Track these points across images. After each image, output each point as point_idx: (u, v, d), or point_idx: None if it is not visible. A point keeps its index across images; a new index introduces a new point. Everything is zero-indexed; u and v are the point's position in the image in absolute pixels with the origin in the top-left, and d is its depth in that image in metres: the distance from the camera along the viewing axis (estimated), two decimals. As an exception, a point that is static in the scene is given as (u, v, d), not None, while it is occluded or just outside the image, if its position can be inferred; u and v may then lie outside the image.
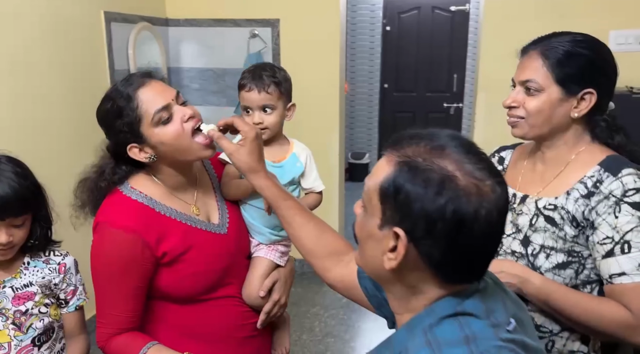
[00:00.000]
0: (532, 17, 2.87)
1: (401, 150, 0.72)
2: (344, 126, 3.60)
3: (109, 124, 1.16)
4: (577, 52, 1.09)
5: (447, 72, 5.61)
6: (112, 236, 1.15)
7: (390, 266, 0.72)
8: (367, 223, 0.75)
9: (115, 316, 1.17)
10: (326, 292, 3.32)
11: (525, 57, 1.14)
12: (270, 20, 3.27)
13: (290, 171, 1.38)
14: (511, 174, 1.26)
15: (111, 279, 1.16)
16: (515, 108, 1.14)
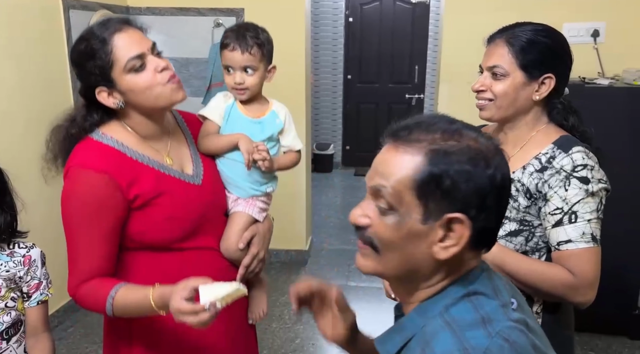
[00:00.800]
0: (491, 9, 2.96)
1: (419, 143, 0.71)
2: (310, 116, 3.62)
3: (81, 65, 1.15)
4: (538, 40, 1.19)
5: (409, 64, 5.71)
6: (84, 177, 1.13)
7: (449, 254, 0.71)
8: (401, 223, 0.72)
9: (88, 262, 1.15)
10: (295, 280, 3.32)
11: (491, 45, 1.23)
12: (234, 9, 3.24)
13: (269, 127, 1.39)
14: None
15: (83, 222, 1.14)
16: (483, 92, 1.23)
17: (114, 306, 1.12)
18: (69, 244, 1.15)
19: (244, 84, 1.34)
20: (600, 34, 2.89)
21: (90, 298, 1.15)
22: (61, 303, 2.82)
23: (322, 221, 4.43)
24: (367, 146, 6.03)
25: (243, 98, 1.37)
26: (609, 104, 2.53)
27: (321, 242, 3.99)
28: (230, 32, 1.35)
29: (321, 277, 3.41)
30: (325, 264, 3.63)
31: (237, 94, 1.37)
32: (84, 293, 1.15)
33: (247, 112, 1.38)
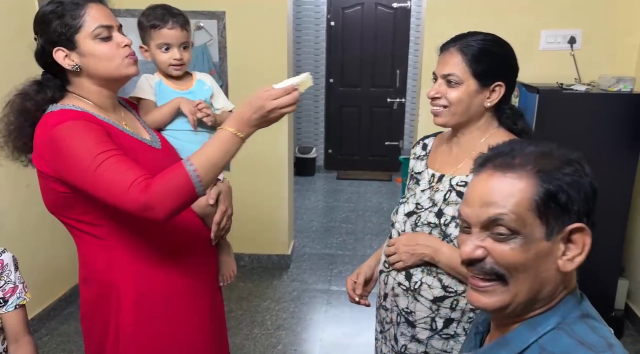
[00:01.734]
0: (471, 14, 3.00)
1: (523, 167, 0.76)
2: (292, 119, 3.61)
3: (46, 23, 1.18)
4: (489, 49, 1.26)
5: (391, 68, 5.74)
6: (65, 127, 1.12)
7: (576, 265, 0.75)
8: (528, 245, 0.74)
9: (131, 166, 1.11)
10: (277, 286, 3.33)
11: (446, 53, 1.28)
12: (215, 12, 3.22)
13: (200, 94, 1.51)
14: (432, 157, 1.42)
15: (99, 141, 1.12)
16: (438, 99, 1.28)
17: (200, 171, 1.09)
18: (94, 180, 1.09)
19: (182, 59, 1.47)
20: (576, 40, 2.95)
21: (167, 186, 1.08)
22: (37, 311, 2.75)
23: (304, 225, 4.42)
24: (349, 149, 6.05)
25: (179, 73, 1.50)
26: (585, 110, 2.58)
27: (304, 246, 3.98)
28: (157, 12, 1.46)
29: (303, 282, 3.44)
30: (307, 268, 3.61)
31: (173, 70, 1.48)
32: (157, 188, 1.07)
33: (176, 86, 1.50)
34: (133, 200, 1.07)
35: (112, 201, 1.10)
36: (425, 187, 1.37)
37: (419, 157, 1.46)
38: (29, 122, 1.19)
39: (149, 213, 1.08)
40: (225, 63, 3.28)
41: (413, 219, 1.34)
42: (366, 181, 5.77)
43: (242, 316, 2.95)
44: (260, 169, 3.40)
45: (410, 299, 1.31)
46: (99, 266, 1.26)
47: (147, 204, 1.07)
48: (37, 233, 2.63)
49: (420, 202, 1.35)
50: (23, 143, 1.21)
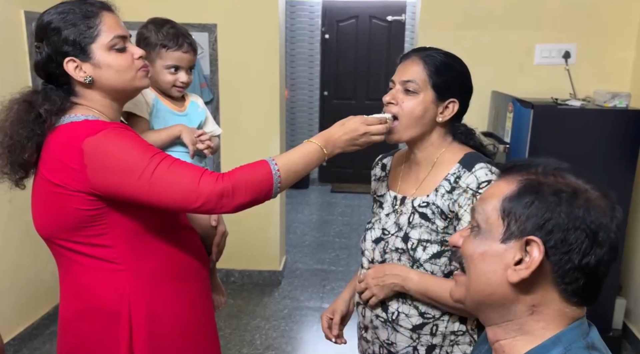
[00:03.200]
0: (465, 28, 2.97)
1: (517, 174, 0.76)
2: (284, 132, 3.56)
3: (55, 30, 1.09)
4: (450, 64, 1.25)
5: (385, 81, 5.66)
6: (105, 136, 1.07)
7: (519, 277, 0.72)
8: (482, 241, 0.76)
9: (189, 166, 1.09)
10: (267, 303, 3.25)
11: (407, 61, 1.26)
12: (207, 25, 3.18)
13: (195, 117, 1.49)
14: (392, 178, 1.38)
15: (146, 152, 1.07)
16: (392, 105, 1.25)
17: (282, 173, 1.11)
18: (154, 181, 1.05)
19: (189, 82, 1.46)
20: (571, 55, 2.92)
21: (249, 178, 1.09)
22: (18, 330, 2.66)
23: (297, 240, 4.35)
24: (343, 162, 5.99)
25: (180, 95, 1.48)
26: (580, 126, 2.54)
27: (296, 261, 3.90)
28: (169, 31, 1.41)
29: (294, 299, 3.35)
30: (299, 285, 3.54)
31: (176, 91, 1.45)
32: (238, 175, 1.09)
33: (173, 106, 1.46)
34: (209, 190, 1.05)
35: (178, 199, 1.06)
36: (389, 211, 1.32)
37: (379, 178, 1.41)
38: (39, 130, 1.08)
39: (225, 201, 1.06)
40: (217, 76, 3.24)
41: (381, 245, 1.29)
42: (360, 194, 5.71)
43: (230, 334, 2.87)
44: (251, 183, 3.34)
45: (390, 331, 1.27)
46: (106, 293, 1.15)
47: (225, 191, 1.06)
48: (19, 250, 2.55)
49: (387, 227, 1.30)
50: (28, 156, 1.09)
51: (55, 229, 1.13)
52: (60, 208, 1.10)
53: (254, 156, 1.36)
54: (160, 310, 1.19)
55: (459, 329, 1.24)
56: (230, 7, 3.16)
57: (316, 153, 1.15)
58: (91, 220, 1.10)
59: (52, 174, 1.08)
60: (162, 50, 1.39)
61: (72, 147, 1.06)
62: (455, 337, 1.24)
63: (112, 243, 1.13)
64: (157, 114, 1.41)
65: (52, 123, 1.09)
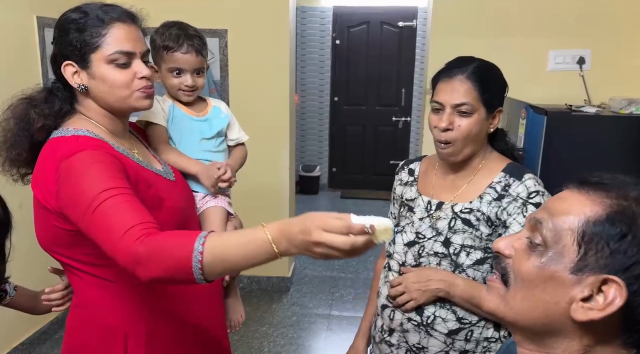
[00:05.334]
0: (477, 34, 2.95)
1: (607, 192, 0.66)
2: (294, 138, 3.55)
3: (65, 31, 1.07)
4: (492, 76, 1.25)
5: (396, 87, 5.69)
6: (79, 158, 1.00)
7: (587, 318, 0.63)
8: (546, 264, 0.66)
9: (135, 211, 0.94)
10: (276, 310, 3.23)
11: (453, 81, 1.21)
12: (217, 30, 3.18)
13: (216, 123, 1.40)
14: (423, 183, 1.36)
15: (105, 176, 0.97)
16: (449, 130, 1.21)
17: (206, 258, 0.86)
18: (91, 221, 0.95)
19: (195, 86, 1.35)
20: (586, 61, 2.88)
21: (166, 253, 0.88)
22: (27, 335, 2.67)
23: (306, 246, 4.32)
24: (353, 168, 5.97)
25: (190, 100, 1.38)
26: (596, 133, 2.49)
27: (305, 268, 3.88)
28: (172, 32, 1.32)
29: (303, 306, 3.33)
30: (308, 292, 3.51)
31: (184, 96, 1.36)
32: (156, 245, 0.89)
33: (191, 112, 1.38)
34: (124, 249, 0.90)
35: (106, 247, 0.94)
36: (423, 215, 1.30)
37: (406, 183, 1.40)
38: (28, 132, 1.07)
39: (139, 269, 0.89)
40: (227, 81, 3.24)
41: (415, 249, 1.28)
42: (370, 200, 5.68)
43: (238, 341, 2.85)
44: (261, 187, 3.33)
45: (422, 335, 1.25)
46: (102, 307, 1.12)
47: (138, 257, 0.89)
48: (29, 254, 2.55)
49: (421, 231, 1.29)
50: (17, 154, 1.09)
51: (49, 243, 1.11)
52: (44, 223, 1.07)
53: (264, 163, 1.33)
54: (159, 327, 1.15)
55: (492, 336, 1.24)
56: (241, 13, 3.16)
57: (263, 246, 0.86)
58: (73, 239, 1.05)
59: (37, 188, 1.06)
60: (163, 52, 1.33)
61: (51, 166, 1.03)
62: (488, 344, 1.24)
63: (104, 262, 1.05)
64: (173, 120, 1.35)
65: (42, 126, 1.07)
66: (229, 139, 1.45)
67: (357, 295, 3.43)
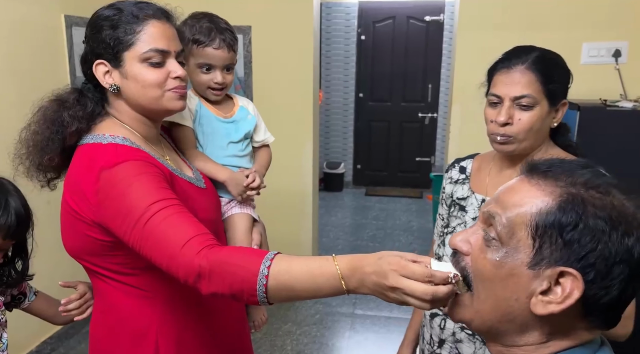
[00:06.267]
0: (506, 28, 2.85)
1: (556, 181, 0.64)
2: (318, 135, 3.52)
3: (97, 29, 1.03)
4: (556, 65, 1.16)
5: (422, 82, 5.60)
6: (123, 169, 0.96)
7: (547, 311, 0.62)
8: (503, 260, 0.64)
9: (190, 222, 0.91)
10: (298, 308, 3.21)
11: (513, 72, 1.13)
12: (241, 27, 3.17)
13: (243, 125, 1.33)
14: (476, 181, 1.28)
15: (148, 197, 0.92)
16: (509, 125, 1.13)
17: (271, 274, 0.82)
18: (144, 234, 0.91)
19: (225, 83, 1.27)
20: (622, 54, 2.75)
21: (230, 265, 0.85)
22: (55, 329, 2.72)
23: (330, 243, 4.30)
24: (378, 165, 5.91)
25: (219, 98, 1.30)
26: (632, 129, 2.38)
27: (328, 265, 3.85)
28: (203, 25, 1.25)
29: (326, 304, 3.30)
30: (331, 289, 3.48)
31: (212, 94, 1.29)
32: (215, 263, 0.85)
33: (217, 112, 1.31)
34: (185, 263, 0.86)
35: (162, 260, 0.90)
36: (476, 215, 1.22)
37: (457, 181, 1.32)
38: (61, 135, 1.03)
39: (202, 283, 0.86)
40: (250, 78, 3.23)
41: None
42: (395, 198, 5.62)
43: (261, 339, 2.85)
44: (284, 184, 3.32)
45: (478, 345, 1.18)
46: (132, 316, 1.09)
47: (200, 272, 0.85)
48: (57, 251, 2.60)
49: None
50: (48, 159, 1.04)
51: (78, 251, 1.07)
52: (75, 232, 1.04)
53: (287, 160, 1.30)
54: (188, 336, 1.12)
55: None
56: (265, 9, 3.15)
57: (331, 280, 0.81)
58: (107, 249, 1.02)
59: (71, 196, 1.02)
60: (193, 46, 1.24)
61: (90, 176, 0.98)
62: None
63: (136, 272, 1.05)
64: (200, 121, 1.28)
65: (75, 130, 1.03)
66: (254, 140, 1.39)
67: (381, 294, 3.40)
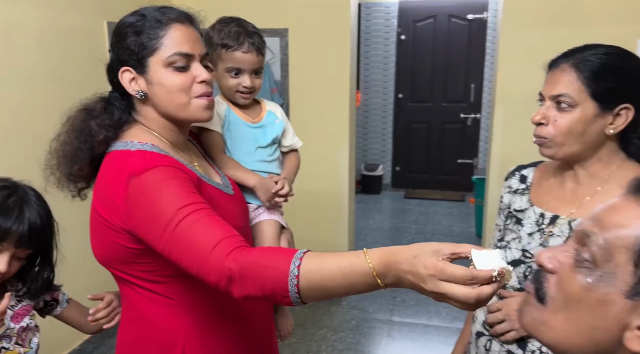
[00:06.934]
0: (553, 25, 2.71)
1: None
2: (354, 137, 3.47)
3: (122, 36, 1.03)
4: (613, 65, 1.04)
5: (464, 82, 5.45)
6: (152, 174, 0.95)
7: None
8: (596, 285, 0.58)
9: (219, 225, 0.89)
10: (334, 313, 3.17)
11: (555, 70, 1.06)
12: (278, 30, 3.17)
13: (271, 130, 1.32)
14: (536, 192, 1.19)
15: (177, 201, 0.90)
16: (543, 126, 1.06)
17: (302, 274, 0.79)
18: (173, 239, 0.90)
19: (253, 87, 1.27)
20: (682, 50, 2.57)
21: (260, 267, 0.82)
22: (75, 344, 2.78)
23: (367, 247, 4.20)
24: (418, 167, 5.80)
25: (247, 102, 1.30)
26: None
27: (365, 270, 3.79)
28: (232, 29, 1.24)
29: (363, 310, 3.25)
30: (368, 295, 3.42)
31: (241, 98, 1.28)
32: (246, 265, 0.83)
33: (246, 117, 1.30)
34: (216, 267, 0.84)
35: (192, 264, 0.88)
36: (533, 229, 1.13)
37: (516, 191, 1.23)
38: (90, 145, 1.03)
39: (234, 286, 0.84)
40: (287, 81, 3.22)
41: (521, 269, 1.11)
42: (436, 201, 5.49)
43: (296, 344, 2.82)
44: (319, 186, 3.29)
45: None
46: (160, 325, 1.08)
47: (231, 276, 0.83)
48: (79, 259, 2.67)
49: (529, 248, 1.12)
50: (78, 169, 1.05)
51: (108, 259, 1.07)
52: (105, 240, 1.03)
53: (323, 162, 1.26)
54: (215, 346, 1.10)
55: None
56: (302, 12, 3.13)
57: (364, 277, 0.78)
58: (136, 257, 1.02)
59: (100, 204, 1.02)
60: (222, 51, 1.24)
61: (119, 183, 0.98)
62: None
63: (163, 279, 1.04)
64: (229, 126, 1.27)
65: (103, 138, 1.03)
66: (282, 145, 1.37)
67: (419, 301, 3.30)
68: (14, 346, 1.20)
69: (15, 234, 1.12)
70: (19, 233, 1.12)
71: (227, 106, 1.29)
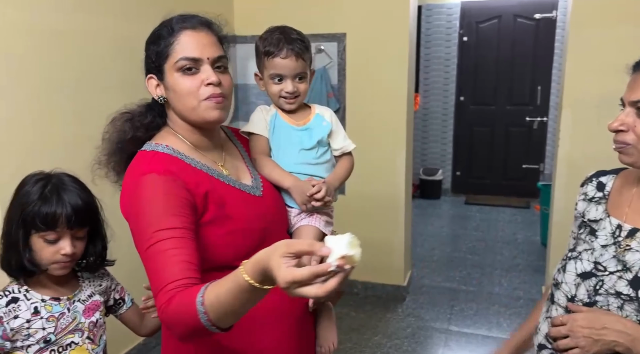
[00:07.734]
0: (627, 23, 2.54)
1: None
2: (411, 141, 3.41)
3: (147, 46, 1.13)
4: None
5: (531, 84, 5.22)
6: (145, 182, 1.02)
7: None
8: None
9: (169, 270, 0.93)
10: (390, 319, 3.13)
11: (637, 74, 1.00)
12: (336, 34, 3.18)
13: (317, 131, 1.32)
14: (615, 202, 1.12)
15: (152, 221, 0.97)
16: (623, 132, 1.00)
17: (207, 308, 0.85)
18: (144, 258, 0.97)
19: (296, 92, 1.28)
20: None
21: (180, 314, 0.89)
22: (139, 339, 2.88)
23: (425, 253, 4.15)
24: (480, 172, 5.62)
25: (293, 107, 1.31)
26: None
27: (422, 277, 3.71)
28: (274, 37, 1.26)
29: (419, 318, 3.18)
30: (424, 302, 3.35)
31: (286, 103, 1.30)
32: (173, 310, 0.89)
33: (292, 121, 1.32)
34: (159, 308, 0.92)
35: (153, 291, 0.95)
36: (608, 242, 1.08)
37: (592, 199, 1.17)
38: (122, 143, 1.14)
39: (170, 331, 0.94)
40: (344, 85, 3.22)
41: (591, 283, 1.06)
42: (498, 207, 5.29)
43: (350, 349, 2.81)
44: (376, 190, 3.26)
45: None
46: None
47: (166, 324, 0.94)
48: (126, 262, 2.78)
49: (602, 261, 1.06)
50: (114, 164, 1.16)
51: None
52: None
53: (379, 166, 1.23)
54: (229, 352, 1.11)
55: None
56: (360, 16, 3.12)
57: (252, 290, 0.82)
58: None
59: None
60: (265, 58, 1.27)
61: (129, 179, 1.06)
62: None
63: None
64: (274, 130, 1.30)
65: (132, 138, 1.12)
66: (333, 148, 1.36)
67: (478, 311, 3.19)
68: (84, 341, 1.26)
69: (62, 217, 1.18)
70: (65, 216, 1.19)
71: (275, 112, 1.32)
